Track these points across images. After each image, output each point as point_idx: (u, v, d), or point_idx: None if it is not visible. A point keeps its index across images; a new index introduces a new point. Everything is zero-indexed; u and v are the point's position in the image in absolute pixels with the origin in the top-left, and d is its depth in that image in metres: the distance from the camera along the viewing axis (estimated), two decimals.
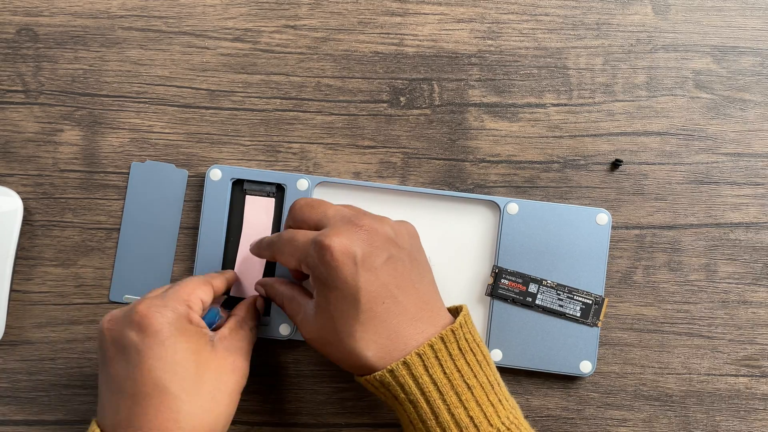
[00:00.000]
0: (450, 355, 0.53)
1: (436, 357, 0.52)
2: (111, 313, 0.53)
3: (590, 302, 0.62)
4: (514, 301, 0.62)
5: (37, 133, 0.64)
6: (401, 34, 0.65)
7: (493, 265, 0.62)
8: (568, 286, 0.62)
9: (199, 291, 0.55)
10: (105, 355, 0.52)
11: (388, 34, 0.65)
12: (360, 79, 0.65)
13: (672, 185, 0.64)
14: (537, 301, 0.62)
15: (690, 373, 0.63)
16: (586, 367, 0.62)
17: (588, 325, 0.61)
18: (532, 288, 0.62)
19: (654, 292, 0.64)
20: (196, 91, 0.64)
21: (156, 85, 0.64)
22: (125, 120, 0.64)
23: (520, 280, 0.62)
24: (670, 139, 0.64)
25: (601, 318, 0.62)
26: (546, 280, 0.62)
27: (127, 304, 0.63)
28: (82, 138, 0.64)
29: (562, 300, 0.62)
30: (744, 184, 0.64)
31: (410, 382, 0.52)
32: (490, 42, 0.65)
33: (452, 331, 0.53)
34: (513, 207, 0.63)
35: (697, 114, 0.65)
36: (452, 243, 0.64)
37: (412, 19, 0.65)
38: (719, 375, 0.63)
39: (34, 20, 0.65)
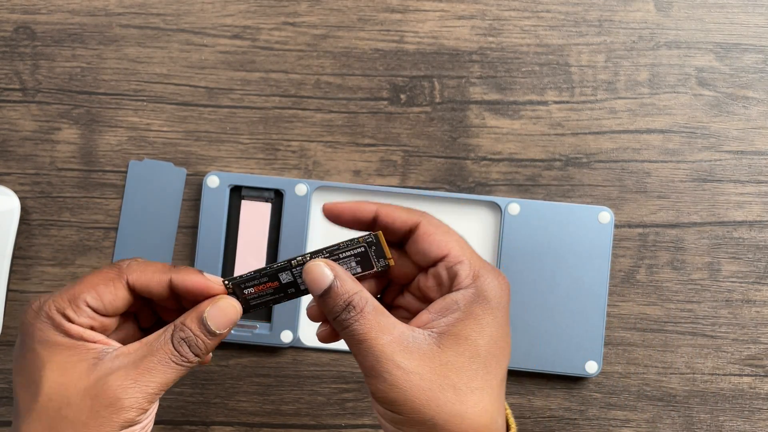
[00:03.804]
0: None
1: None
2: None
3: (362, 249, 0.45)
4: (277, 302, 0.46)
5: (34, 132, 0.64)
6: (401, 31, 0.64)
7: (223, 280, 0.46)
8: (326, 248, 0.45)
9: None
10: None
11: (389, 31, 0.64)
12: (360, 77, 0.64)
13: (675, 183, 0.64)
14: (302, 287, 0.46)
15: (693, 373, 0.63)
16: (591, 367, 0.62)
17: (381, 268, 0.46)
18: (285, 277, 0.46)
19: (657, 291, 0.63)
20: (194, 88, 0.64)
21: (154, 83, 0.64)
22: (123, 118, 0.64)
23: (266, 279, 0.45)
24: (672, 136, 0.64)
25: (388, 255, 0.45)
26: (296, 258, 0.45)
27: None
28: (79, 136, 0.64)
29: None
30: (747, 182, 0.64)
31: None
32: (491, 39, 0.64)
33: None
34: (514, 207, 0.62)
35: (700, 111, 0.64)
36: None
37: (413, 15, 0.64)
38: (723, 375, 0.63)
39: (31, 18, 0.64)
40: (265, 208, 0.63)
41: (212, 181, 0.63)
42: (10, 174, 0.63)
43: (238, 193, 0.63)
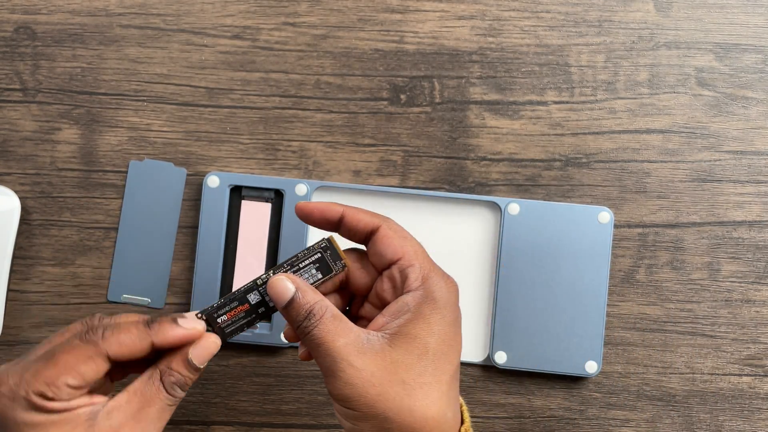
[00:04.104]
0: None
1: None
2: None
3: (319, 255, 0.47)
4: (251, 325, 0.47)
5: (34, 132, 0.64)
6: (401, 32, 0.64)
7: (196, 313, 0.46)
8: (286, 261, 0.47)
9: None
10: None
11: (389, 31, 0.64)
12: (360, 77, 0.64)
13: (674, 183, 0.64)
14: (270, 304, 0.47)
15: (693, 373, 0.63)
16: (591, 367, 0.62)
17: (339, 270, 0.48)
18: (254, 297, 0.47)
19: (657, 291, 0.63)
20: (194, 89, 0.64)
21: (154, 83, 0.64)
22: (123, 118, 0.64)
23: (236, 303, 0.47)
24: (672, 136, 0.64)
25: (342, 257, 0.48)
26: (260, 277, 0.47)
27: (125, 304, 0.63)
28: (80, 136, 0.64)
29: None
30: (747, 182, 0.64)
31: None
32: (491, 39, 0.64)
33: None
34: (514, 207, 0.62)
35: (700, 111, 0.64)
36: (453, 245, 0.63)
37: (413, 16, 0.64)
38: (723, 374, 0.63)
39: (32, 18, 0.64)
40: (265, 208, 0.63)
41: (212, 181, 0.63)
42: (10, 174, 0.64)
43: (238, 193, 0.63)
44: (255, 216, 0.63)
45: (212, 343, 0.44)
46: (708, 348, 0.63)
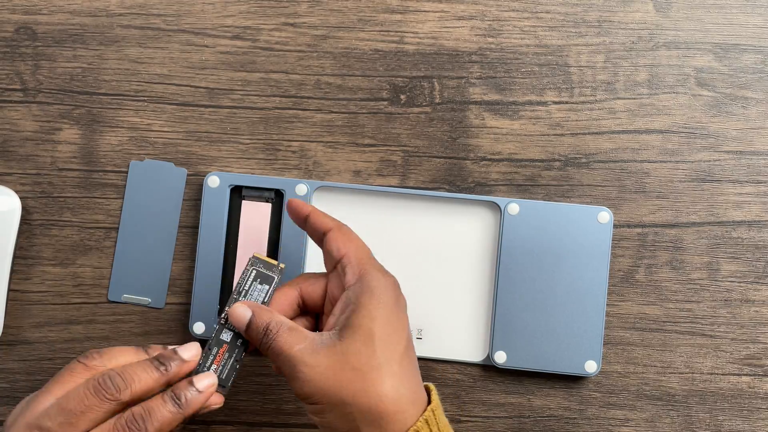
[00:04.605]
0: None
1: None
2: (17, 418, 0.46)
3: (255, 271, 0.53)
4: (239, 360, 0.52)
5: (35, 132, 0.64)
6: (401, 32, 0.64)
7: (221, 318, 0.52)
8: (234, 291, 0.53)
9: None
10: None
11: (389, 31, 0.65)
12: (360, 77, 0.64)
13: (674, 183, 0.64)
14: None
15: (693, 373, 0.63)
16: (591, 366, 0.62)
17: (279, 273, 0.53)
18: (227, 335, 0.52)
19: (656, 290, 0.63)
20: (195, 89, 0.64)
21: (155, 83, 0.64)
22: (124, 118, 0.64)
23: (215, 348, 0.52)
24: (671, 137, 0.64)
25: (273, 262, 0.54)
26: (222, 317, 0.52)
27: (126, 304, 0.63)
28: (80, 137, 0.64)
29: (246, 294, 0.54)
30: (746, 182, 0.64)
31: None
32: (490, 39, 0.65)
33: (432, 411, 0.48)
34: (514, 207, 0.62)
35: (699, 112, 0.64)
36: (453, 245, 0.63)
37: (413, 16, 0.65)
38: (722, 374, 0.63)
39: (32, 18, 0.64)
40: (265, 208, 0.63)
41: (213, 181, 0.63)
42: (11, 174, 0.64)
43: (238, 193, 0.63)
44: (255, 216, 0.63)
45: (218, 402, 0.50)
46: (707, 348, 0.63)
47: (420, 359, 0.63)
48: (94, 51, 0.64)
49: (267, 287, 0.53)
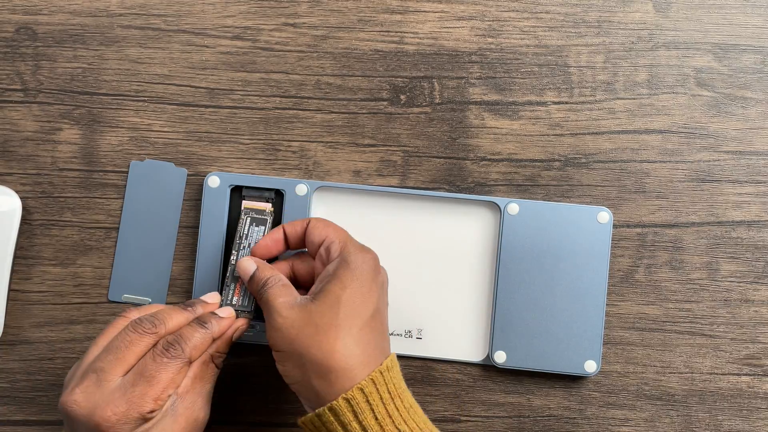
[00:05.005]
0: (381, 399, 0.51)
1: (368, 402, 0.51)
2: (75, 393, 0.51)
3: (249, 219, 0.61)
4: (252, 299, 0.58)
5: (35, 132, 0.64)
6: (401, 32, 0.65)
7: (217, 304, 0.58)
8: (239, 246, 0.60)
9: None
10: None
11: (389, 31, 0.65)
12: (360, 77, 0.64)
13: (673, 183, 0.64)
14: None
15: (692, 373, 0.63)
16: (590, 366, 0.62)
17: (267, 216, 0.61)
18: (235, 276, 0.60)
19: (656, 290, 0.63)
20: (195, 89, 0.64)
21: (155, 83, 0.64)
22: (124, 119, 0.64)
23: (233, 284, 0.59)
24: (671, 137, 0.64)
25: (261, 207, 0.62)
26: (231, 263, 0.60)
27: (126, 303, 0.63)
28: (81, 137, 0.64)
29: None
30: (746, 182, 0.64)
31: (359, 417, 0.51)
32: (490, 40, 0.65)
33: (381, 372, 0.51)
34: (513, 207, 0.63)
35: (699, 112, 0.64)
36: (453, 245, 0.63)
37: (413, 16, 0.65)
38: (721, 374, 0.63)
39: (33, 19, 0.64)
40: (266, 208, 0.63)
41: (213, 181, 0.63)
42: (11, 174, 0.64)
43: (238, 194, 0.63)
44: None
45: (243, 323, 0.57)
46: (707, 348, 0.63)
47: (420, 359, 0.63)
48: (94, 51, 0.64)
49: (263, 227, 0.60)
